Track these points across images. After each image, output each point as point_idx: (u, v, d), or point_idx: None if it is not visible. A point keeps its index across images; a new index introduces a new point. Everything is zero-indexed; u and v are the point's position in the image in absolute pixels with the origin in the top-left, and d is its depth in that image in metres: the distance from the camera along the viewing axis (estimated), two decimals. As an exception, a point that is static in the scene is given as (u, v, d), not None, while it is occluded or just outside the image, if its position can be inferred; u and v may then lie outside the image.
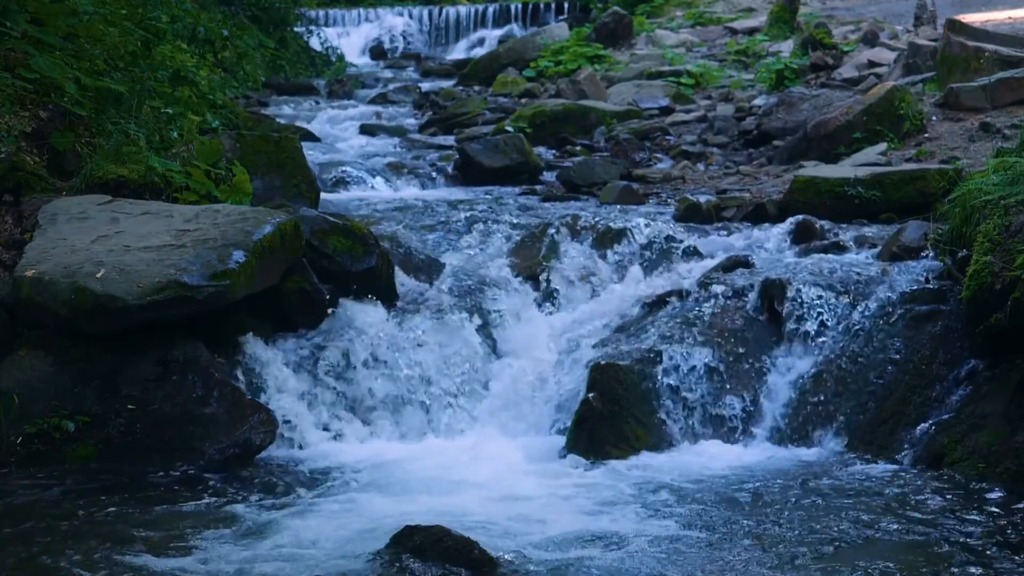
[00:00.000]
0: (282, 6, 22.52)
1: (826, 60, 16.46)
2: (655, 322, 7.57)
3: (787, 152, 11.89)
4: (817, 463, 6.62)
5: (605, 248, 8.54)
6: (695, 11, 24.36)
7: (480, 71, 20.53)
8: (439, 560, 5.04)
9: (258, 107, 17.06)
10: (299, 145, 9.67)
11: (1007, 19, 17.14)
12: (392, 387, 7.33)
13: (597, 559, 5.20)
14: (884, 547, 5.33)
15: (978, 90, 11.96)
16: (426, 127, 15.55)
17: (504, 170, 11.80)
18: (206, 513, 5.80)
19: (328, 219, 7.85)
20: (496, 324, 7.85)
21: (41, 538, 5.42)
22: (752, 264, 8.06)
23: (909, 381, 6.88)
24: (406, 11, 28.46)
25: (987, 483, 6.09)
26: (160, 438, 6.51)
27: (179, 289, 6.53)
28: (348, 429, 7.13)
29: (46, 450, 6.39)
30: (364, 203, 10.67)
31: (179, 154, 8.46)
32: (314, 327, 7.48)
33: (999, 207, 6.78)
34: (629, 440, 6.85)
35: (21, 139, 7.85)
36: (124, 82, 8.82)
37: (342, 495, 6.14)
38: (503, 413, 7.36)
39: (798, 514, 5.77)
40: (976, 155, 10.31)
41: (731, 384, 7.19)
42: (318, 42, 23.98)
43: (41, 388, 6.53)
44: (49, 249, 6.88)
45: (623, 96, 15.91)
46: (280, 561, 5.19)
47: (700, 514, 5.78)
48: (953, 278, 7.20)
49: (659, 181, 11.47)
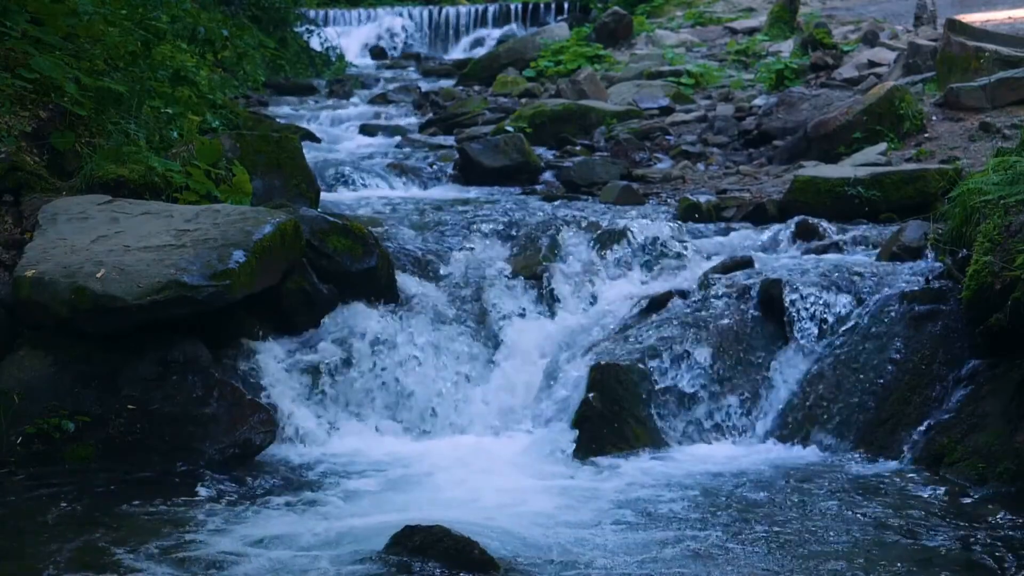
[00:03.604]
0: (282, 6, 22.52)
1: (826, 60, 16.46)
2: (655, 322, 7.57)
3: (787, 152, 11.89)
4: (817, 463, 6.61)
5: (605, 248, 8.54)
6: (695, 11, 24.37)
7: (480, 71, 20.52)
8: (439, 560, 5.04)
9: (258, 107, 17.06)
10: (299, 145, 9.67)
11: (1007, 19, 17.14)
12: (392, 387, 7.33)
13: (597, 559, 5.20)
14: (884, 547, 5.33)
15: (978, 90, 11.97)
16: (426, 127, 15.55)
17: (504, 170, 11.80)
18: (206, 513, 5.79)
19: (328, 219, 7.85)
20: (496, 324, 7.85)
21: (41, 538, 5.42)
22: (752, 264, 8.06)
23: (909, 381, 6.87)
24: (406, 11, 28.47)
25: (987, 483, 6.09)
26: (160, 438, 6.51)
27: (179, 289, 6.53)
28: (348, 429, 7.13)
29: (46, 450, 6.38)
30: (364, 203, 10.67)
31: (179, 154, 8.45)
32: (314, 327, 7.48)
33: (999, 207, 6.77)
34: (629, 440, 6.85)
35: (21, 139, 7.85)
36: (124, 82, 8.81)
37: (342, 495, 6.14)
38: (503, 413, 7.36)
39: (798, 514, 5.77)
40: (976, 155, 10.31)
41: (731, 384, 7.19)
42: (318, 42, 23.98)
43: (41, 388, 6.52)
44: (49, 249, 6.88)
45: (623, 96, 15.91)
46: (280, 561, 5.19)
47: (700, 514, 5.78)
48: (953, 278, 7.20)
49: (659, 181, 11.47)
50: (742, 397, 7.15)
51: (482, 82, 19.77)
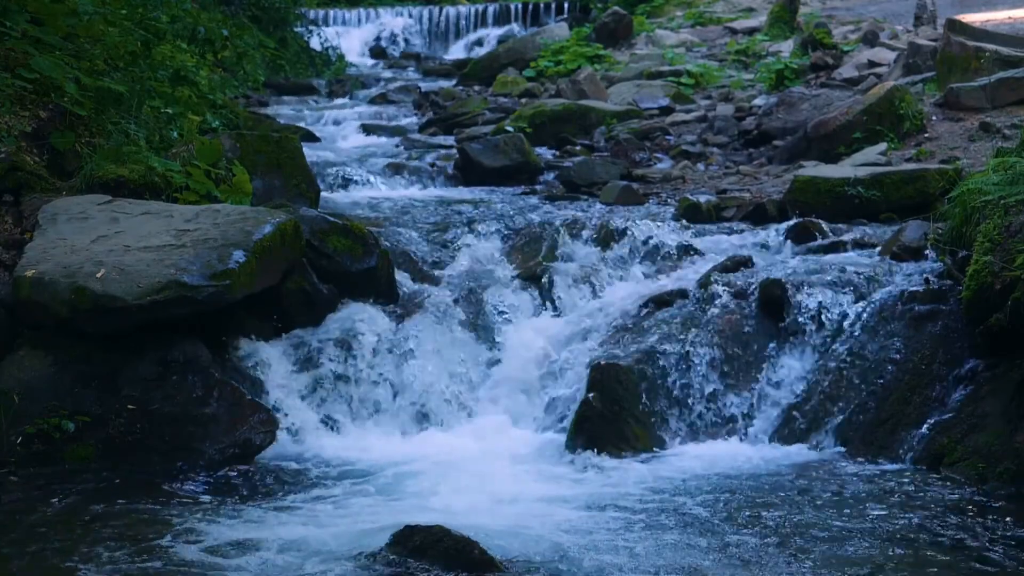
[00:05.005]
0: (282, 6, 22.53)
1: (826, 60, 16.46)
2: (655, 322, 7.57)
3: (787, 152, 11.89)
4: (817, 463, 6.61)
5: (605, 248, 8.54)
6: (695, 11, 24.37)
7: (480, 71, 20.52)
8: (439, 560, 5.04)
9: (258, 107, 17.06)
10: (299, 145, 9.67)
11: (1007, 19, 17.14)
12: (392, 387, 7.34)
13: (597, 559, 5.20)
14: (884, 547, 5.33)
15: (978, 90, 11.97)
16: (426, 127, 15.55)
17: (504, 170, 11.80)
18: (206, 513, 5.79)
19: (328, 219, 7.85)
20: (496, 324, 7.85)
21: (41, 538, 5.42)
22: (752, 264, 8.06)
23: (909, 381, 6.87)
24: (406, 11, 28.47)
25: (987, 483, 6.09)
26: (160, 438, 6.51)
27: (179, 289, 6.54)
28: (348, 429, 7.13)
29: (46, 450, 6.39)
30: (364, 203, 10.67)
31: (179, 154, 8.46)
32: (314, 327, 7.49)
33: (999, 207, 6.77)
34: (629, 440, 6.85)
35: (21, 139, 7.86)
36: (124, 82, 8.82)
37: (342, 495, 6.14)
38: (503, 413, 7.36)
39: (798, 514, 5.77)
40: (976, 155, 10.31)
41: (731, 384, 7.19)
42: (318, 42, 23.98)
43: (41, 388, 6.53)
44: (49, 249, 6.88)
45: (623, 96, 15.91)
46: (280, 561, 5.19)
47: (700, 514, 5.78)
48: (953, 278, 7.20)
49: (659, 181, 11.47)
50: (742, 397, 7.15)
51: (482, 82, 19.77)
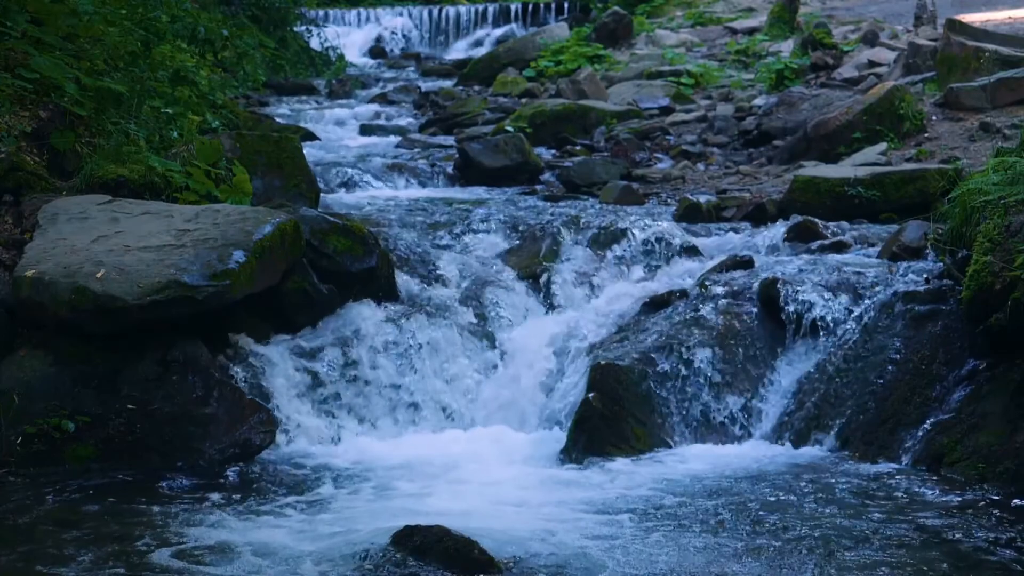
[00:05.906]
0: (282, 6, 22.52)
1: (826, 60, 16.47)
2: (655, 322, 7.57)
3: (787, 152, 11.90)
4: (817, 463, 6.61)
5: (605, 248, 8.54)
6: (695, 11, 24.38)
7: (480, 71, 20.53)
8: (439, 560, 5.04)
9: (258, 107, 17.07)
10: (299, 145, 9.67)
11: (1007, 19, 17.16)
12: (392, 387, 7.34)
13: (597, 559, 5.20)
14: (884, 547, 5.33)
15: (978, 90, 11.98)
16: (426, 127, 15.56)
17: (504, 170, 11.81)
18: (205, 513, 5.79)
19: (328, 219, 7.85)
20: (496, 324, 7.85)
21: (40, 538, 5.42)
22: (752, 264, 8.06)
23: (909, 381, 6.87)
24: (406, 11, 28.47)
25: (987, 483, 6.09)
26: (160, 438, 6.51)
27: (179, 289, 6.54)
28: (348, 429, 7.13)
29: (46, 450, 6.38)
30: (364, 203, 10.67)
31: (179, 154, 8.46)
32: (314, 327, 7.48)
33: (999, 207, 6.77)
34: (629, 440, 6.85)
35: (21, 139, 7.85)
36: (124, 82, 8.81)
37: (342, 495, 6.15)
38: (503, 413, 7.36)
39: (798, 514, 5.76)
40: (976, 155, 10.32)
41: (731, 384, 7.19)
42: (318, 42, 23.98)
43: (41, 388, 6.52)
44: (49, 249, 6.88)
45: (623, 96, 15.92)
46: (280, 561, 5.19)
47: (700, 514, 5.78)
48: (953, 278, 7.20)
49: (659, 181, 11.47)
50: (742, 397, 7.15)
51: (482, 82, 19.77)
